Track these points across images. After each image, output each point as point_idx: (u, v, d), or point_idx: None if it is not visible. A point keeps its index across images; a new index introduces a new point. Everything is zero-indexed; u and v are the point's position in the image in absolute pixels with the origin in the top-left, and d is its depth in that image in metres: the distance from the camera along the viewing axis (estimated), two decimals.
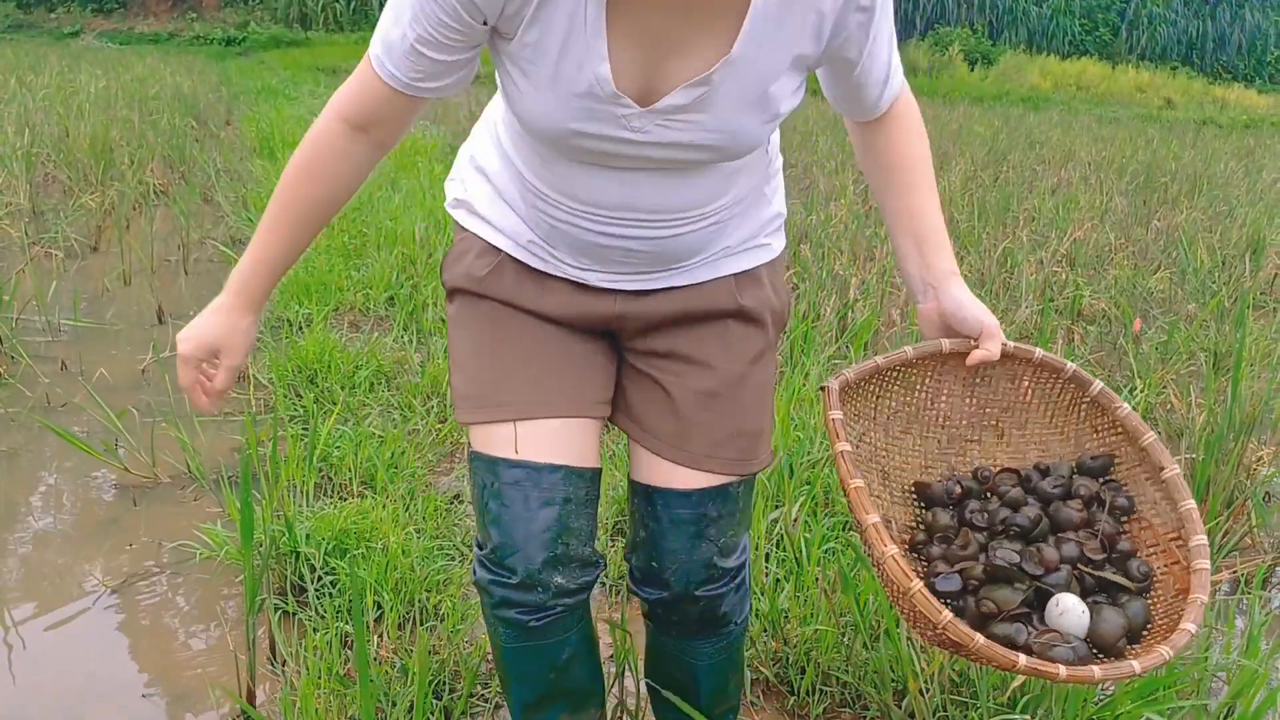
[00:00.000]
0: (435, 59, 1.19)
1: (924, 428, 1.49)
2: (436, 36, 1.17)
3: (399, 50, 1.19)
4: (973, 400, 1.48)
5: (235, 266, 1.39)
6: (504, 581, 1.35)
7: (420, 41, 1.17)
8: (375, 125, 1.27)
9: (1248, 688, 1.82)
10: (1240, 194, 7.84)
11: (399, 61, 1.20)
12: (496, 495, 1.33)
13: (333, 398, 3.13)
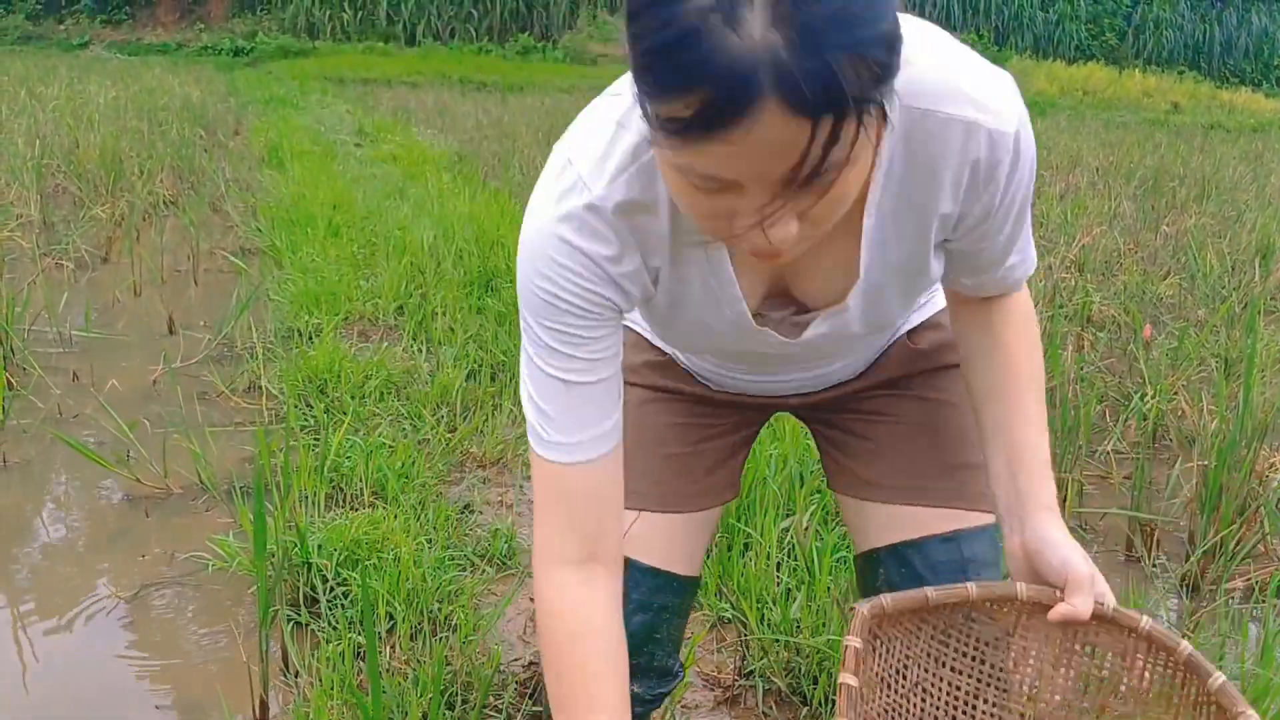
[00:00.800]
0: (586, 387, 1.07)
1: (1001, 695, 1.21)
2: (580, 358, 1.05)
3: (558, 404, 1.07)
4: (1069, 671, 1.19)
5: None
6: None
7: (566, 372, 1.05)
8: (592, 537, 1.11)
9: (1263, 697, 1.81)
10: (1249, 198, 7.83)
11: (562, 418, 1.07)
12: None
13: (343, 408, 3.13)
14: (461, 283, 4.51)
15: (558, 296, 1.02)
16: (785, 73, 0.74)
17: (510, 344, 3.70)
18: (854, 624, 1.12)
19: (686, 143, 0.80)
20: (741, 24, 0.74)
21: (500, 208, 5.93)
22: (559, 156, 1.02)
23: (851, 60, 0.75)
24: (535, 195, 1.03)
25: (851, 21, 0.75)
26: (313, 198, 6.07)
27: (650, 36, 0.78)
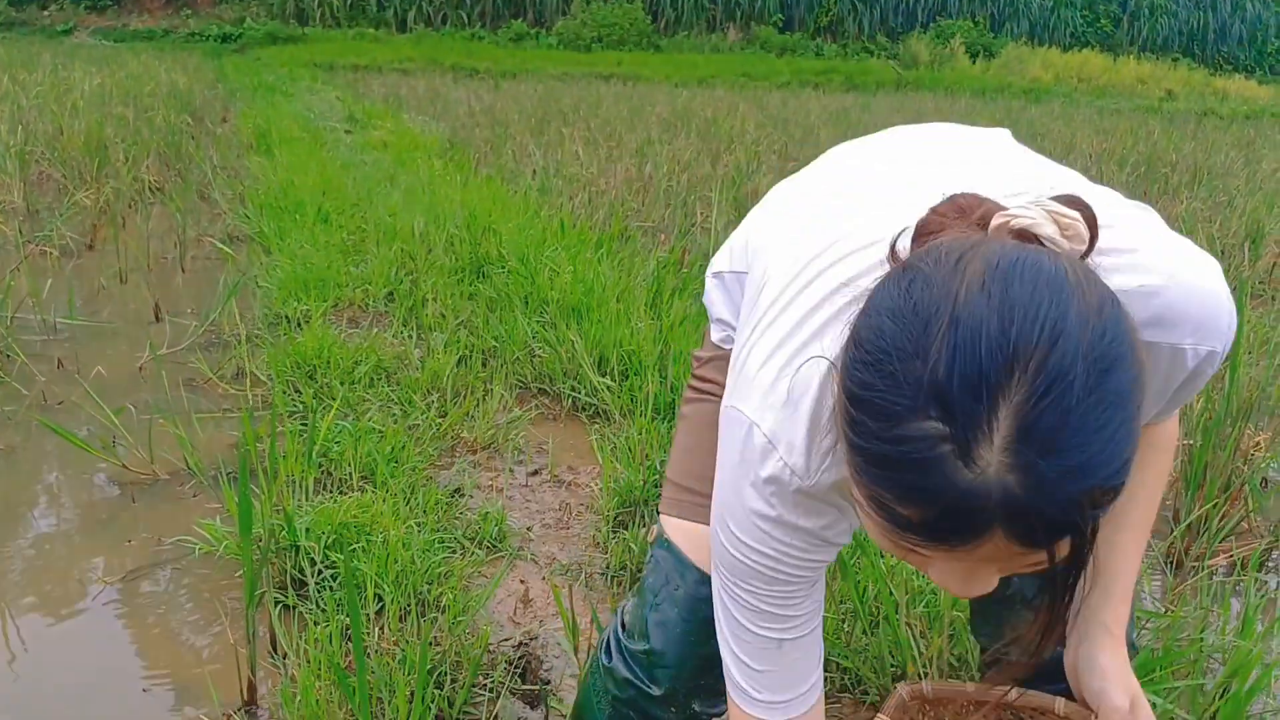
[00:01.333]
0: (798, 641, 1.04)
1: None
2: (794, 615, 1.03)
3: (768, 663, 1.04)
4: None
5: None
6: (642, 687, 1.30)
7: (780, 631, 1.03)
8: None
9: (1243, 668, 1.82)
10: (1240, 184, 7.84)
11: (772, 676, 1.04)
12: (676, 603, 1.26)
13: (332, 393, 3.13)
14: (453, 269, 4.50)
15: (775, 569, 1.00)
16: (1018, 516, 0.72)
17: (501, 330, 3.69)
18: (889, 702, 1.18)
19: (904, 534, 0.77)
20: (977, 460, 0.71)
21: (493, 194, 5.91)
22: (755, 433, 0.97)
23: (1088, 500, 0.73)
24: (735, 465, 0.99)
25: (1090, 467, 0.71)
26: (301, 184, 6.05)
27: (873, 442, 0.75)
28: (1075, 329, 0.71)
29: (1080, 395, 0.70)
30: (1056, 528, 0.73)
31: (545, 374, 3.43)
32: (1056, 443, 0.70)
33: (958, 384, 0.70)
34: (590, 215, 5.56)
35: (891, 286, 0.78)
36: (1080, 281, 0.74)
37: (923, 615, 2.02)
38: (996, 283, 0.72)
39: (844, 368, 0.79)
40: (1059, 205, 0.81)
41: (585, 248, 4.60)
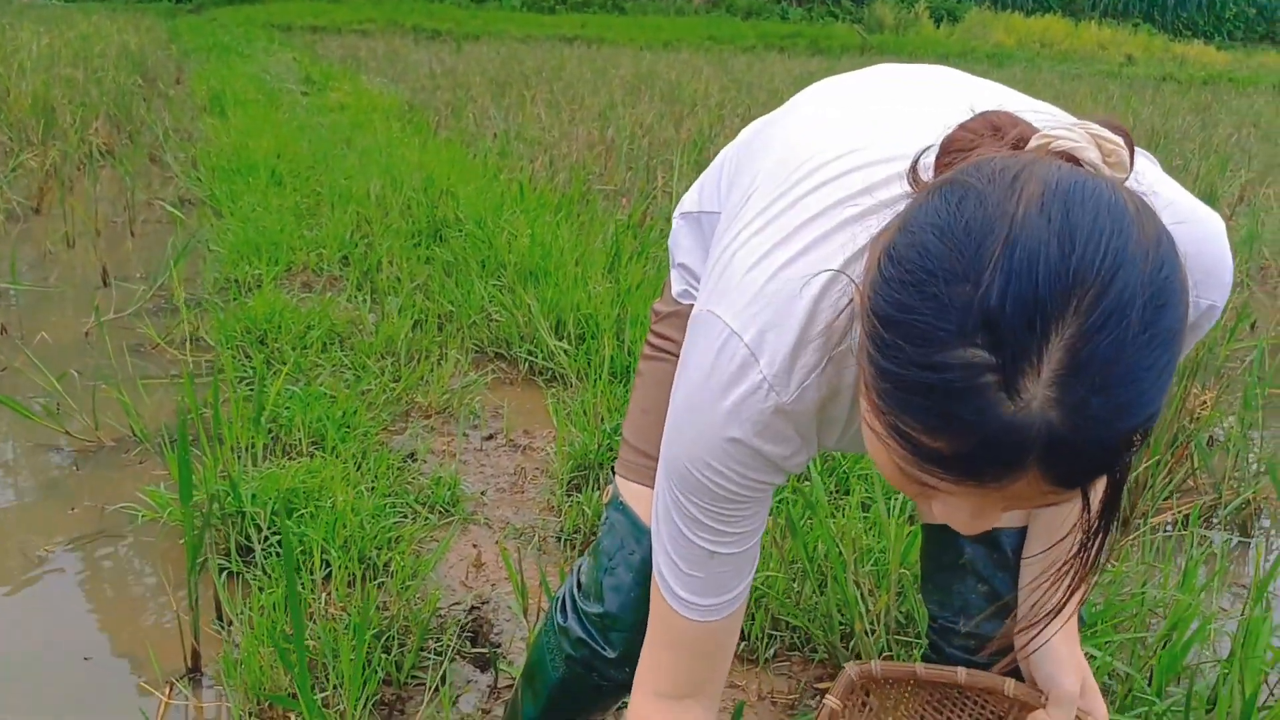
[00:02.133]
0: (731, 556, 1.02)
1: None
2: (731, 532, 1.01)
3: (699, 570, 1.02)
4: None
5: None
6: (596, 648, 1.30)
7: (714, 544, 1.01)
8: (698, 681, 1.09)
9: (1182, 620, 1.85)
10: (1195, 148, 7.90)
11: (701, 582, 1.03)
12: (631, 567, 1.25)
13: (283, 358, 3.09)
14: (409, 232, 4.45)
15: (722, 487, 0.96)
16: (1058, 454, 0.68)
17: (458, 294, 3.66)
18: (838, 684, 1.17)
19: (927, 466, 0.73)
20: (1021, 393, 0.67)
21: (451, 157, 5.85)
22: (734, 343, 0.91)
23: (1128, 441, 0.69)
24: (704, 379, 0.94)
25: (1137, 406, 0.68)
26: (255, 147, 5.95)
27: (909, 368, 0.70)
28: (1136, 260, 0.67)
29: (1136, 331, 0.67)
30: (1095, 467, 0.70)
31: (502, 338, 3.40)
32: (1109, 379, 0.66)
33: (1010, 310, 0.66)
34: (551, 179, 5.51)
35: (939, 202, 0.72)
36: (1139, 211, 0.70)
37: (871, 574, 2.03)
38: (1057, 205, 0.68)
39: (874, 286, 0.73)
40: (1102, 129, 0.77)
41: (545, 211, 4.56)
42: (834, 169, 0.94)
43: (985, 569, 1.27)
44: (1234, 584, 2.41)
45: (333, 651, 1.78)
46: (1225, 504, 2.64)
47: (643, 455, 1.25)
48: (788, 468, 0.97)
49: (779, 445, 0.94)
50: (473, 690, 1.89)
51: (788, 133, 1.06)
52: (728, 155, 1.24)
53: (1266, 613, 1.90)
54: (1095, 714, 1.17)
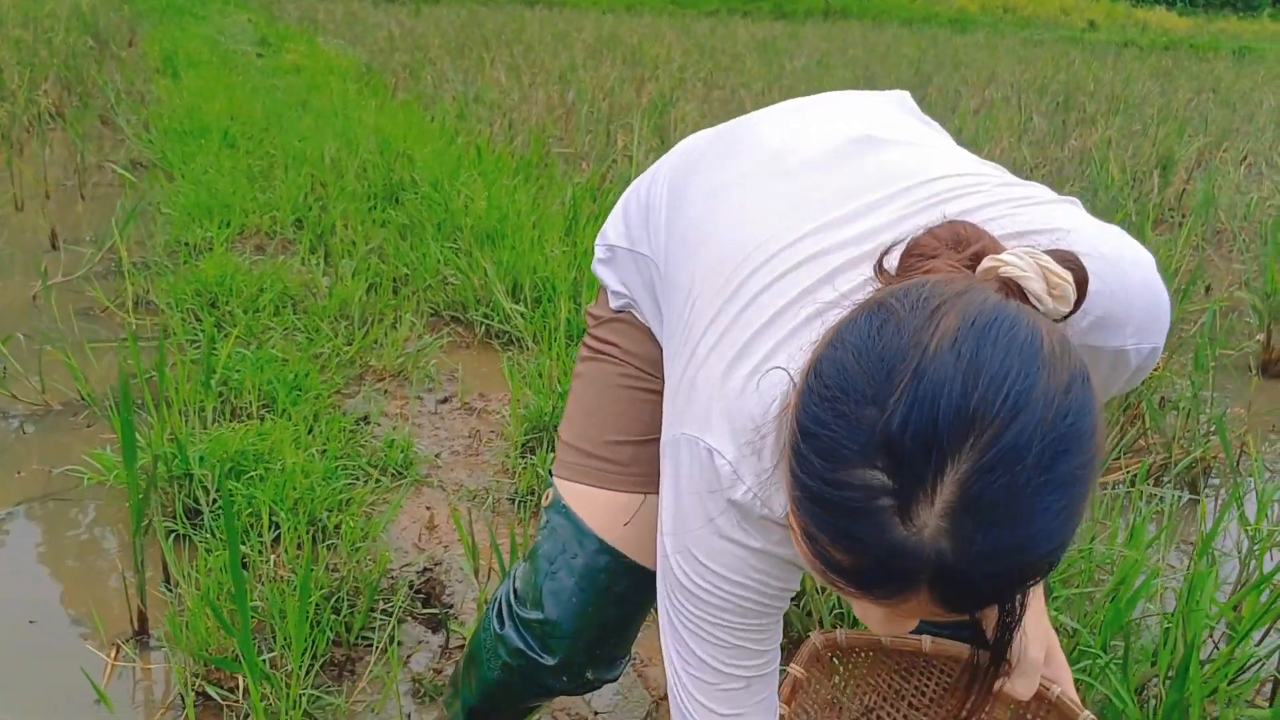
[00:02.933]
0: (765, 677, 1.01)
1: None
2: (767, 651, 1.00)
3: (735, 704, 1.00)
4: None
5: None
6: (534, 657, 1.27)
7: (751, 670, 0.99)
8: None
9: (1129, 575, 1.87)
10: (1155, 112, 7.95)
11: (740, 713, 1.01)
12: (573, 571, 1.22)
13: (234, 321, 3.05)
14: (365, 195, 4.39)
15: (750, 601, 0.95)
16: (947, 581, 0.70)
17: (413, 257, 3.62)
18: (802, 653, 1.17)
19: (829, 575, 0.75)
20: (913, 520, 0.69)
21: (409, 120, 5.77)
22: (720, 462, 0.91)
23: (1019, 575, 0.71)
24: (696, 497, 0.93)
25: (1028, 546, 0.70)
26: (208, 109, 5.84)
27: (815, 480, 0.72)
28: (1039, 405, 0.69)
29: (1030, 475, 0.68)
30: (982, 598, 0.72)
31: (458, 301, 3.37)
32: (996, 519, 0.68)
33: (910, 439, 0.68)
34: (509, 142, 5.46)
35: (863, 322, 0.74)
36: (1054, 354, 0.71)
37: None
38: (969, 342, 0.69)
39: (801, 396, 0.75)
40: (1053, 262, 0.77)
41: (502, 174, 4.52)
42: (778, 265, 0.93)
43: None
44: (1183, 542, 2.44)
45: (280, 613, 1.76)
46: (1175, 463, 2.67)
47: (584, 455, 1.23)
48: (801, 565, 0.95)
49: (784, 546, 0.93)
50: (424, 650, 1.89)
51: (720, 218, 1.03)
52: (652, 191, 1.19)
53: (1211, 568, 1.93)
54: (1060, 682, 1.18)
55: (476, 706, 1.46)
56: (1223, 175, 5.67)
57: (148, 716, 1.72)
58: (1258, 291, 3.60)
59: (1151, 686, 1.79)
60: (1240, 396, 3.12)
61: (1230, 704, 1.74)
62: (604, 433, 1.22)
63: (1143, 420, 2.72)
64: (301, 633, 1.60)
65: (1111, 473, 2.57)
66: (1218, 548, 2.38)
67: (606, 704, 1.81)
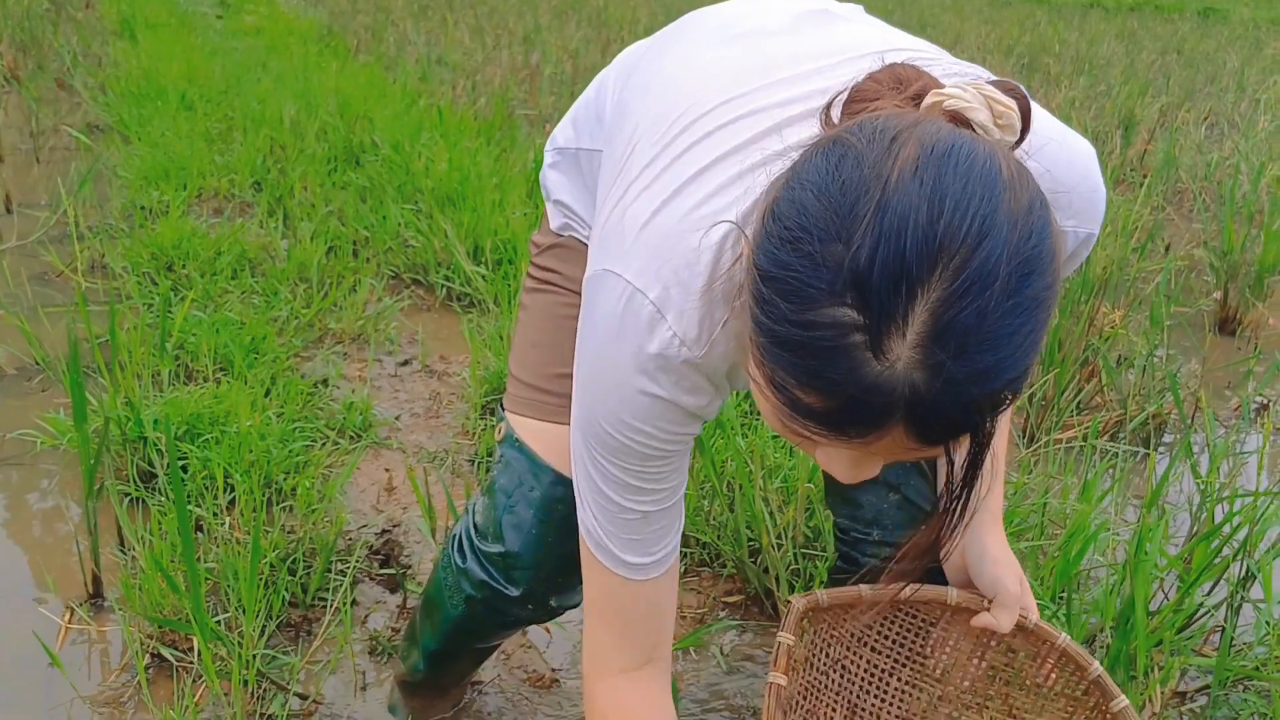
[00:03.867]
0: (663, 512, 1.01)
1: (916, 673, 1.29)
2: (661, 489, 1.00)
3: (635, 532, 1.01)
4: (982, 663, 1.26)
5: None
6: (498, 589, 1.28)
7: (646, 505, 1.00)
8: (649, 646, 1.08)
9: (1081, 529, 1.89)
10: (1119, 73, 7.97)
11: (639, 543, 1.02)
12: (531, 504, 1.23)
13: (191, 285, 3.01)
14: (325, 158, 4.34)
15: (647, 445, 0.95)
16: (921, 414, 0.70)
17: (373, 219, 3.59)
18: (788, 619, 1.16)
19: (799, 420, 0.74)
20: (886, 354, 0.68)
21: (370, 81, 5.70)
22: (639, 300, 0.89)
23: (990, 403, 0.71)
24: (613, 339, 0.92)
25: (998, 371, 0.70)
26: (166, 71, 5.75)
27: (782, 324, 0.71)
28: (1004, 228, 0.68)
29: (998, 298, 0.68)
30: (956, 427, 0.72)
31: (419, 264, 3.35)
32: (968, 345, 0.68)
33: (878, 273, 0.67)
34: (472, 104, 5.41)
35: (819, 160, 0.73)
36: (1013, 177, 0.71)
37: (779, 490, 2.05)
38: (930, 169, 0.69)
39: (757, 241, 0.74)
40: (995, 91, 0.77)
41: (464, 136, 4.48)
42: (724, 114, 0.93)
43: (896, 476, 1.28)
44: (1136, 497, 2.48)
45: (234, 574, 1.76)
46: (1130, 419, 2.70)
47: (534, 389, 1.23)
48: (705, 416, 0.97)
49: (695, 396, 0.94)
50: (381, 610, 1.89)
51: (669, 74, 1.02)
52: (604, 86, 1.19)
53: (1160, 520, 1.96)
54: (1031, 610, 1.20)
55: (436, 650, 1.47)
56: (1184, 135, 5.71)
57: (102, 679, 1.71)
58: (1215, 250, 3.64)
59: (1102, 638, 1.82)
60: (1196, 353, 3.16)
61: (1177, 653, 1.78)
62: (552, 365, 1.22)
63: (1099, 377, 2.75)
64: (254, 593, 1.59)
65: (1067, 429, 2.60)
66: (1171, 502, 2.42)
67: (562, 660, 1.82)
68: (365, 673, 1.74)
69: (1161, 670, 1.69)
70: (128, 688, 1.68)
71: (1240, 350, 3.27)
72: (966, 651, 1.26)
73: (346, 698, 1.69)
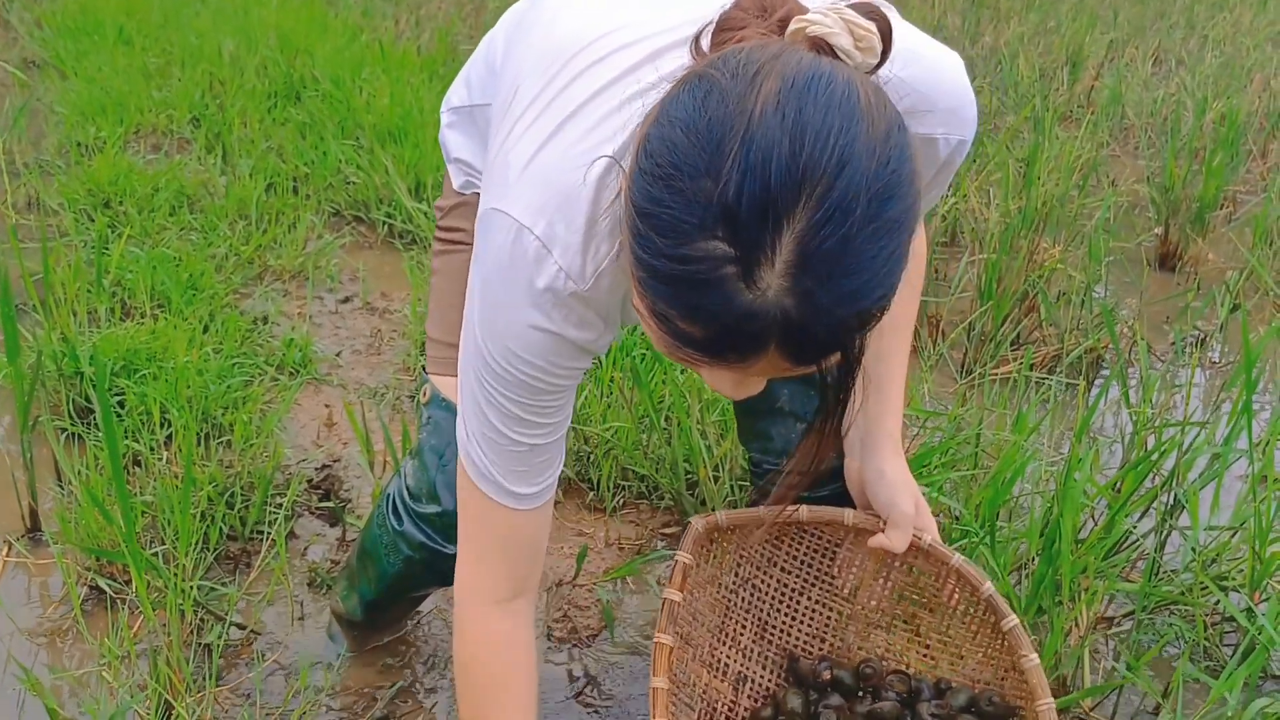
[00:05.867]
0: (548, 445, 1.04)
1: (826, 593, 1.32)
2: (547, 423, 1.02)
3: (520, 463, 1.03)
4: (887, 584, 1.30)
5: None
6: (438, 549, 1.30)
7: (532, 437, 1.01)
8: (524, 576, 1.11)
9: (1013, 458, 1.93)
10: (1067, 9, 7.97)
11: (523, 474, 1.04)
12: None
13: (128, 221, 2.96)
14: (265, 93, 4.26)
15: (536, 378, 0.96)
16: (793, 338, 0.73)
17: (314, 155, 3.54)
18: (686, 538, 1.19)
19: (680, 348, 0.77)
20: (757, 283, 0.71)
21: (310, 15, 5.57)
22: (526, 237, 0.91)
23: (858, 321, 0.75)
24: (501, 275, 0.93)
25: (863, 293, 0.73)
26: (103, 5, 5.58)
27: (659, 259, 0.74)
28: (862, 156, 0.71)
29: (860, 224, 0.71)
30: (827, 346, 0.76)
31: (360, 201, 3.31)
32: (834, 270, 0.71)
33: (745, 206, 0.70)
34: (416, 38, 5.32)
35: (685, 97, 0.75)
36: (871, 105, 0.74)
37: (716, 423, 2.08)
38: (791, 103, 0.71)
39: (632, 178, 0.77)
40: (856, 14, 0.79)
41: (407, 71, 4.41)
42: (601, 48, 0.94)
43: (802, 409, 1.31)
44: (1071, 429, 2.53)
45: (172, 508, 1.75)
46: (1067, 353, 2.75)
47: (455, 349, 1.24)
48: (595, 350, 0.99)
49: (584, 330, 0.96)
50: (321, 543, 1.91)
51: (550, 15, 1.04)
52: (493, 42, 1.20)
53: (1090, 450, 2.01)
54: (928, 531, 1.24)
55: (375, 600, 1.50)
56: (1132, 72, 5.74)
57: (42, 610, 1.72)
58: (1157, 185, 3.69)
59: (1031, 565, 1.87)
60: (1136, 289, 3.21)
61: (1102, 577, 1.83)
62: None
63: (1038, 311, 2.79)
64: (188, 524, 1.60)
65: (1004, 364, 2.64)
66: (1106, 435, 2.48)
67: None
68: (304, 603, 1.75)
69: (1087, 594, 1.75)
70: (66, 619, 1.69)
71: (1179, 286, 3.32)
72: (872, 572, 1.30)
73: (285, 627, 1.70)
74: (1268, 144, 4.54)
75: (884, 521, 1.24)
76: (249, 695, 1.57)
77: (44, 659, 1.63)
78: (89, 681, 1.59)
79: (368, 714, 1.56)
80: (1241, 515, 1.95)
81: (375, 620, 1.59)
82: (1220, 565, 1.90)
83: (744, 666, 1.29)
